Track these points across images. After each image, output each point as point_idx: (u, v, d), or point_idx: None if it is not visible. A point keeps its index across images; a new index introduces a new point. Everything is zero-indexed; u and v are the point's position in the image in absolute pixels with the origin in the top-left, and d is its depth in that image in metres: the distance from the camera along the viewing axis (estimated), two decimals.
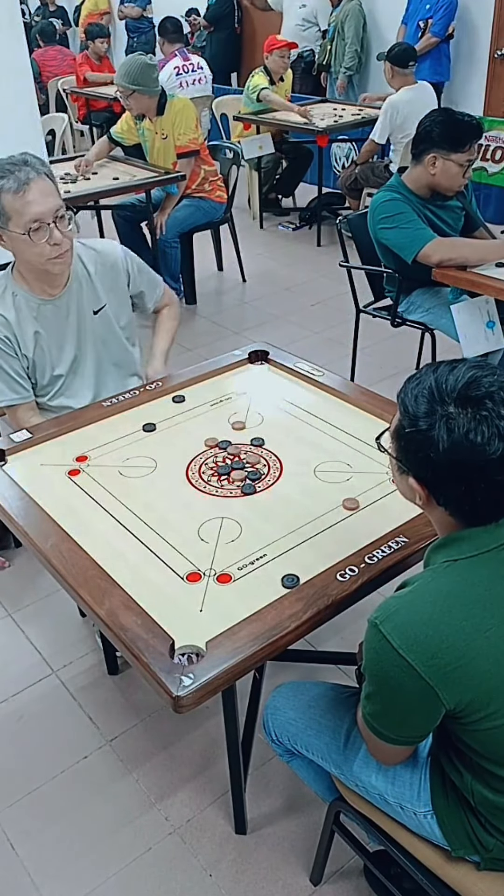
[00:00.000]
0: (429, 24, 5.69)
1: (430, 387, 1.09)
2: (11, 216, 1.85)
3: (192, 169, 4.26)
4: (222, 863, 1.76)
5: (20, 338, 2.01)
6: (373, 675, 1.14)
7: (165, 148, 4.25)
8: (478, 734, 1.14)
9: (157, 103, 4.12)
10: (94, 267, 2.09)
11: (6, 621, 2.44)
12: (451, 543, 1.15)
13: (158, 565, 1.48)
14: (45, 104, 7.29)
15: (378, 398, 1.96)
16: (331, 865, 1.71)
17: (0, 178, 1.83)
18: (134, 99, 4.08)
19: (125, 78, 4.01)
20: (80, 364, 2.12)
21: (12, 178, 1.83)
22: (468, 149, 2.67)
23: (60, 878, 1.75)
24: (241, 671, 1.27)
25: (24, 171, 1.83)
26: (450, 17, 5.67)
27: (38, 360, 2.06)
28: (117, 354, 2.19)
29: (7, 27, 3.26)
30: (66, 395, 2.13)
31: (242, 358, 2.20)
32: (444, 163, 2.69)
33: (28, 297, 2.00)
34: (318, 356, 2.72)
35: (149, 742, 2.03)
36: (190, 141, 4.19)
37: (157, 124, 4.20)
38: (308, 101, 5.89)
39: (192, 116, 4.22)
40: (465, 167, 2.71)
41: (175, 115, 4.15)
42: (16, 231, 1.86)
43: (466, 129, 2.67)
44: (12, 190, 1.83)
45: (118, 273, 2.14)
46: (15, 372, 2.03)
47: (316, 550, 1.49)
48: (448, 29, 5.72)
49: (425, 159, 2.72)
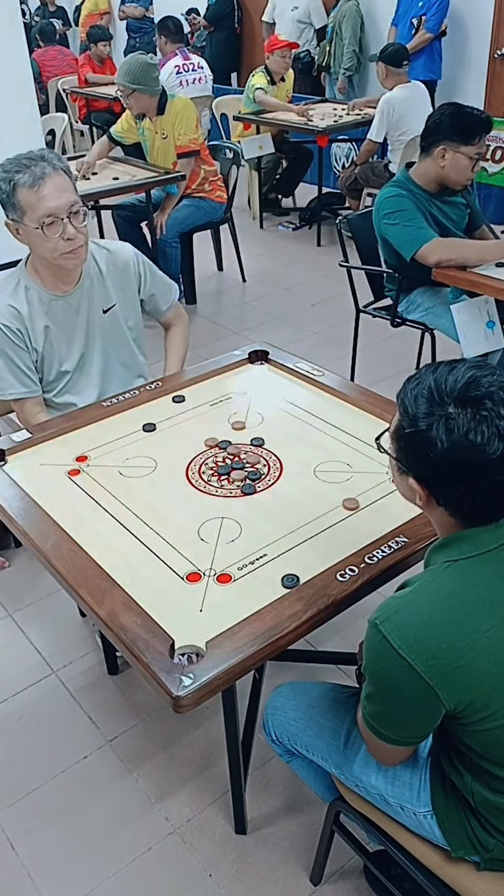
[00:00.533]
0: (422, 20, 5.70)
1: (429, 387, 1.09)
2: (26, 210, 1.87)
3: (192, 169, 4.26)
4: (222, 863, 1.76)
5: (31, 331, 2.02)
6: (373, 675, 1.14)
7: (165, 148, 4.25)
8: (478, 735, 1.14)
9: (158, 103, 4.12)
10: (106, 266, 2.10)
11: (6, 621, 2.44)
12: (452, 544, 1.15)
13: (158, 565, 1.48)
14: (45, 104, 7.28)
15: (378, 398, 1.96)
16: (331, 865, 1.71)
17: (16, 173, 1.84)
18: (134, 98, 4.08)
19: (126, 77, 4.01)
20: (87, 361, 2.13)
21: (28, 173, 1.84)
22: (478, 141, 2.68)
23: (60, 878, 1.75)
24: (241, 671, 1.27)
25: (40, 165, 1.85)
26: (443, 13, 5.69)
27: (46, 355, 2.07)
28: (125, 354, 2.20)
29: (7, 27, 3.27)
30: (72, 393, 2.13)
31: (242, 358, 2.20)
32: (454, 155, 2.70)
33: (40, 292, 2.02)
34: (318, 356, 2.72)
35: (149, 742, 2.03)
36: (190, 141, 4.19)
37: (157, 124, 4.20)
38: (308, 101, 5.90)
39: (192, 116, 4.22)
40: (475, 160, 2.72)
41: (175, 115, 4.15)
42: (30, 225, 1.87)
43: (476, 121, 2.68)
44: (28, 184, 1.84)
45: (129, 275, 2.16)
46: (25, 365, 2.04)
47: (316, 550, 1.49)
48: (441, 26, 5.73)
49: (435, 151, 2.72)
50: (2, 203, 1.90)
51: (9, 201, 1.87)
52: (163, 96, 4.13)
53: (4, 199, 1.88)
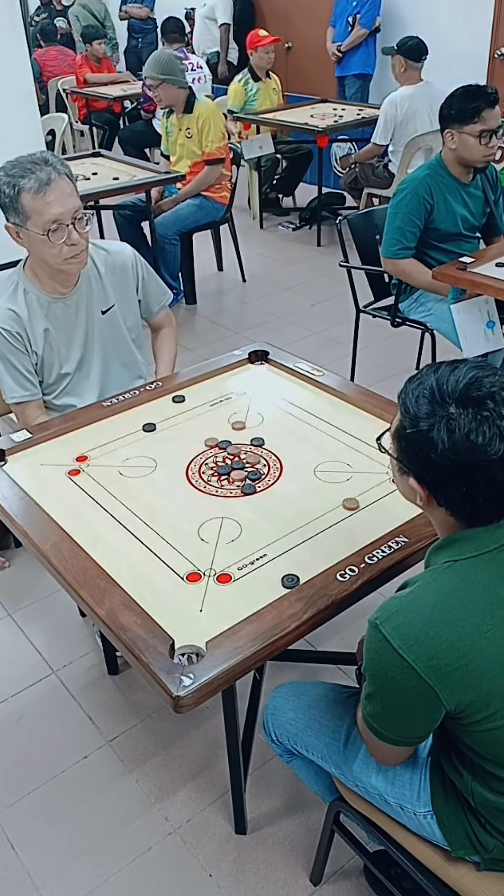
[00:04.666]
0: (357, 18, 5.98)
1: (431, 387, 1.09)
2: (31, 216, 1.85)
3: (218, 174, 4.33)
4: (222, 863, 1.76)
5: (30, 334, 2.02)
6: (373, 675, 1.14)
7: (189, 145, 4.31)
8: (478, 735, 1.14)
9: (186, 100, 4.20)
10: (105, 267, 2.10)
11: (6, 621, 2.44)
12: (452, 544, 1.15)
13: (158, 565, 1.48)
14: (45, 104, 7.27)
15: (378, 398, 1.96)
16: (331, 865, 1.71)
17: (20, 178, 1.82)
18: (163, 89, 4.15)
19: (155, 69, 4.10)
20: (87, 363, 2.13)
21: (33, 178, 1.82)
22: (478, 119, 2.73)
23: (60, 878, 1.75)
24: (241, 671, 1.27)
25: (45, 170, 1.83)
26: (376, 10, 5.98)
27: (46, 358, 2.06)
28: (124, 355, 2.20)
29: (7, 27, 3.27)
30: (72, 395, 2.13)
31: (242, 358, 2.20)
32: (460, 136, 2.78)
33: (39, 295, 2.01)
34: (318, 356, 2.73)
35: (149, 742, 2.03)
36: (217, 149, 4.28)
37: (181, 121, 4.27)
38: (308, 101, 5.90)
39: (220, 124, 4.31)
40: (485, 136, 2.74)
41: (204, 120, 4.22)
42: (34, 230, 1.86)
43: (473, 97, 2.73)
44: (33, 190, 1.82)
45: (128, 275, 2.15)
46: (25, 369, 2.04)
47: (316, 550, 1.49)
48: (375, 22, 5.99)
49: (446, 138, 2.83)
50: (2, 206, 1.89)
51: (12, 205, 1.86)
52: (191, 95, 4.22)
53: (7, 203, 1.86)
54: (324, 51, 6.32)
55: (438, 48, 4.89)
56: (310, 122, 5.23)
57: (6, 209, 1.88)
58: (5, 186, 1.84)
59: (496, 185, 3.04)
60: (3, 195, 1.86)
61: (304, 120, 5.31)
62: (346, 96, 6.23)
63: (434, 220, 2.92)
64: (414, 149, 4.42)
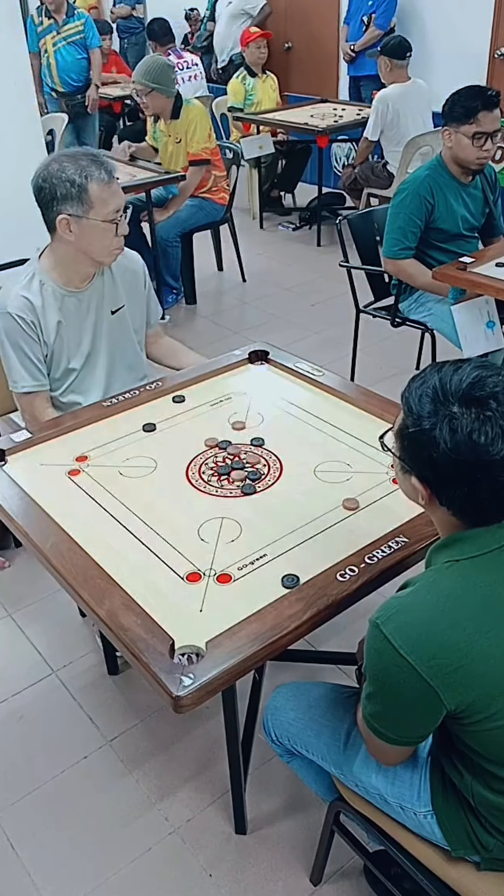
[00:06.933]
0: (372, 18, 5.87)
1: (434, 386, 1.09)
2: (95, 205, 1.89)
3: (201, 176, 4.30)
4: (222, 863, 1.76)
5: (43, 324, 2.03)
6: (374, 675, 1.14)
7: (178, 152, 4.29)
8: (479, 735, 1.14)
9: (173, 107, 4.17)
10: (118, 268, 2.12)
11: (6, 621, 2.44)
12: (453, 544, 1.15)
13: (158, 565, 1.48)
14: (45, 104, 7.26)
15: (378, 398, 1.96)
16: (331, 865, 1.70)
17: (88, 167, 1.87)
18: (151, 98, 4.13)
19: (145, 76, 4.06)
20: (93, 360, 2.13)
21: (102, 169, 1.88)
22: (473, 120, 2.72)
23: (60, 878, 1.75)
24: (241, 671, 1.27)
25: (108, 163, 1.90)
26: (392, 10, 5.85)
27: (56, 350, 2.07)
28: (130, 357, 2.21)
29: (7, 27, 3.27)
30: (78, 392, 2.14)
31: (242, 358, 2.20)
32: (456, 136, 2.79)
33: (55, 287, 2.03)
34: (318, 356, 2.72)
35: (149, 742, 2.03)
36: (202, 149, 4.24)
37: (170, 127, 4.25)
38: (308, 101, 5.90)
39: (206, 125, 4.27)
40: (478, 139, 2.75)
41: (190, 121, 4.19)
42: (96, 219, 1.90)
43: (472, 97, 2.74)
44: (104, 180, 1.88)
45: (139, 279, 2.20)
46: (36, 358, 2.05)
47: (316, 550, 1.49)
48: (390, 23, 5.86)
49: (444, 135, 2.84)
50: (62, 197, 1.88)
51: (77, 195, 1.87)
52: (178, 101, 4.18)
53: (70, 193, 1.87)
54: (324, 51, 6.29)
55: (447, 49, 4.87)
56: (310, 122, 5.23)
57: (64, 199, 1.88)
58: (75, 176, 1.86)
59: (496, 185, 3.05)
60: (69, 185, 1.87)
61: (303, 120, 5.31)
62: (362, 97, 6.05)
63: (435, 220, 2.92)
64: (414, 149, 4.42)
